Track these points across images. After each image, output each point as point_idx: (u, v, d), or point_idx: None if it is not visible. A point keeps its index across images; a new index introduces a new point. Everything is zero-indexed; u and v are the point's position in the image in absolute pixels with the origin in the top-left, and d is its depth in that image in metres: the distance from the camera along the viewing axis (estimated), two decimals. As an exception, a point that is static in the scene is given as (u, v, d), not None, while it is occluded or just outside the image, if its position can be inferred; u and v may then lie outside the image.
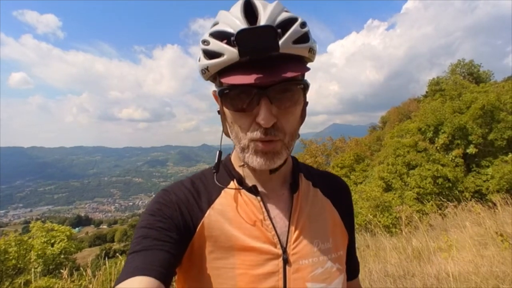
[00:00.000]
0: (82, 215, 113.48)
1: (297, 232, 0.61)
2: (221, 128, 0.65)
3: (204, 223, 0.59)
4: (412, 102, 26.71)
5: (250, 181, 0.64)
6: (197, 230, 0.59)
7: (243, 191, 0.63)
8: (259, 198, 0.62)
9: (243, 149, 0.57)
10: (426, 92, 21.09)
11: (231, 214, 0.60)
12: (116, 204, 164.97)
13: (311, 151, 22.00)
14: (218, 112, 0.63)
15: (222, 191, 0.63)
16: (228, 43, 0.51)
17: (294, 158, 0.71)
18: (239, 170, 0.65)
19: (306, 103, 0.62)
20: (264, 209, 0.61)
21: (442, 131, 11.49)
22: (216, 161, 0.65)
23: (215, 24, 0.56)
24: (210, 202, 0.61)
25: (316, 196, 0.68)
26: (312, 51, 0.56)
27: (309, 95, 0.62)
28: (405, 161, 10.65)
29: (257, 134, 0.54)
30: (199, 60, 0.58)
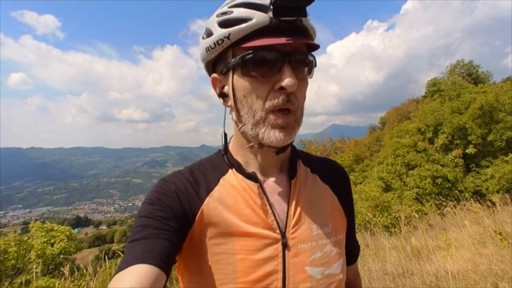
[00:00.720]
0: (82, 216, 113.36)
1: (296, 217, 0.62)
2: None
3: (203, 210, 0.59)
4: (411, 102, 26.74)
5: (249, 167, 0.65)
6: (197, 218, 0.59)
7: (242, 178, 0.63)
8: (257, 184, 0.62)
9: (257, 124, 0.56)
10: (425, 93, 21.12)
11: (230, 201, 0.61)
12: (115, 205, 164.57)
13: (311, 151, 22.04)
14: (219, 95, 0.63)
15: (221, 179, 0.63)
16: (256, 10, 0.52)
17: (292, 145, 0.71)
18: (237, 158, 0.66)
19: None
20: (263, 195, 0.61)
21: (441, 131, 11.52)
22: (222, 144, 0.65)
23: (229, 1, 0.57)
24: (209, 190, 0.62)
25: (315, 182, 0.69)
26: (315, 35, 0.60)
27: (308, 96, 0.63)
28: (404, 161, 10.66)
29: (278, 101, 0.54)
30: (208, 36, 0.57)
